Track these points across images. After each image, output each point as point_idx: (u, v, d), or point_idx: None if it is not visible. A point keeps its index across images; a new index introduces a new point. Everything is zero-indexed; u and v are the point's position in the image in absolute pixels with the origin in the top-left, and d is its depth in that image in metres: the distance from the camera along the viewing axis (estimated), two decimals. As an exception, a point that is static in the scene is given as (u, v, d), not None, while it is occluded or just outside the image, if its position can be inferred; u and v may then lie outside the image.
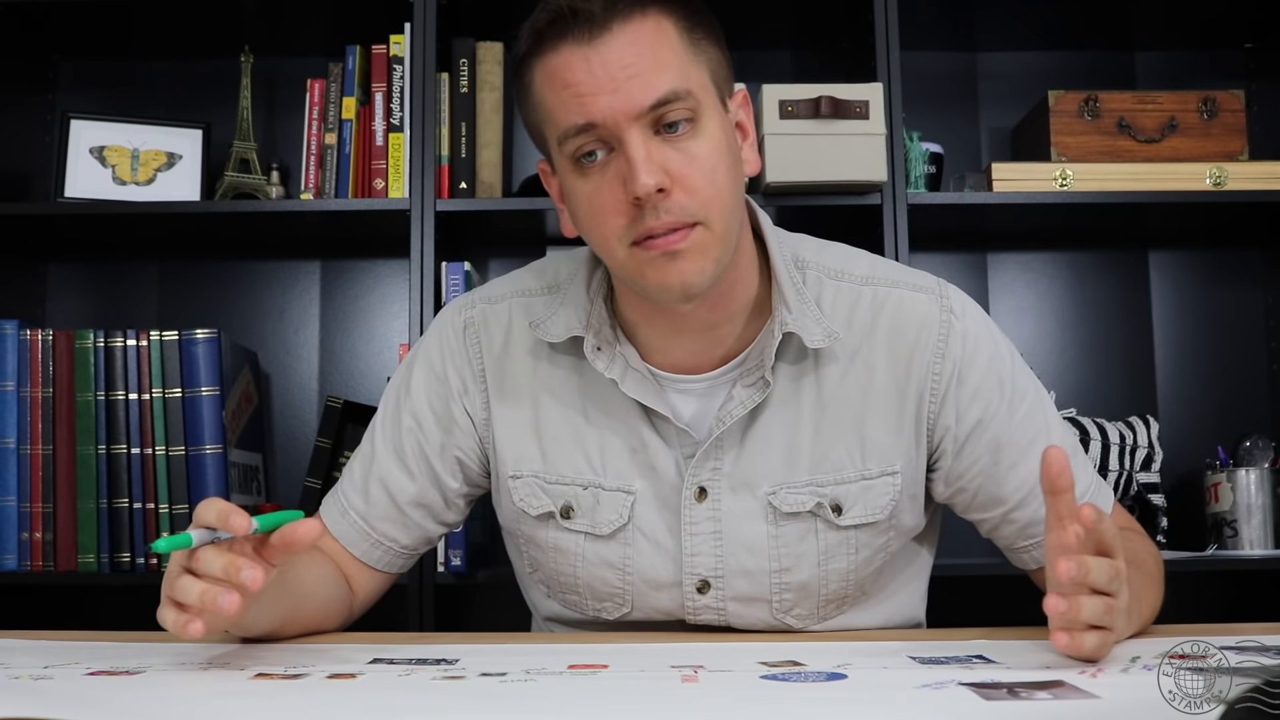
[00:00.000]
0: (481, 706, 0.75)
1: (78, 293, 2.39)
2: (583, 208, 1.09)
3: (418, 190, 2.05)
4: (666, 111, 1.04)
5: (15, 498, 2.02)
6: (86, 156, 2.22)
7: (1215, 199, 2.09)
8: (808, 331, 1.15)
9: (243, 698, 0.81)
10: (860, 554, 1.19)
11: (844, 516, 1.17)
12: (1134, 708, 0.72)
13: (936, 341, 1.17)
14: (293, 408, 2.38)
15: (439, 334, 1.26)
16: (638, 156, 1.03)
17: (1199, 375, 2.37)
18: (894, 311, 1.18)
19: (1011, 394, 1.19)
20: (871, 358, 1.17)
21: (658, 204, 1.04)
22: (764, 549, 1.17)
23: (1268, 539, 2.14)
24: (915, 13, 2.13)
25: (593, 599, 1.22)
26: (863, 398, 1.17)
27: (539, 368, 1.22)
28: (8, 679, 0.86)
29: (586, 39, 1.04)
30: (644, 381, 1.17)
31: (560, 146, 1.08)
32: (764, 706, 0.74)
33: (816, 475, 1.17)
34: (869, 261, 1.23)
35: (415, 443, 1.24)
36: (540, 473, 1.21)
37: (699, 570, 1.18)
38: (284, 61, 2.36)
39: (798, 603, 1.19)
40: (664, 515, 1.18)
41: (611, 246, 1.08)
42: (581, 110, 1.04)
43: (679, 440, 1.17)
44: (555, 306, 1.21)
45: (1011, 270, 2.40)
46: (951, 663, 0.89)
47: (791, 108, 1.94)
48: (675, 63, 1.06)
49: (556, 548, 1.22)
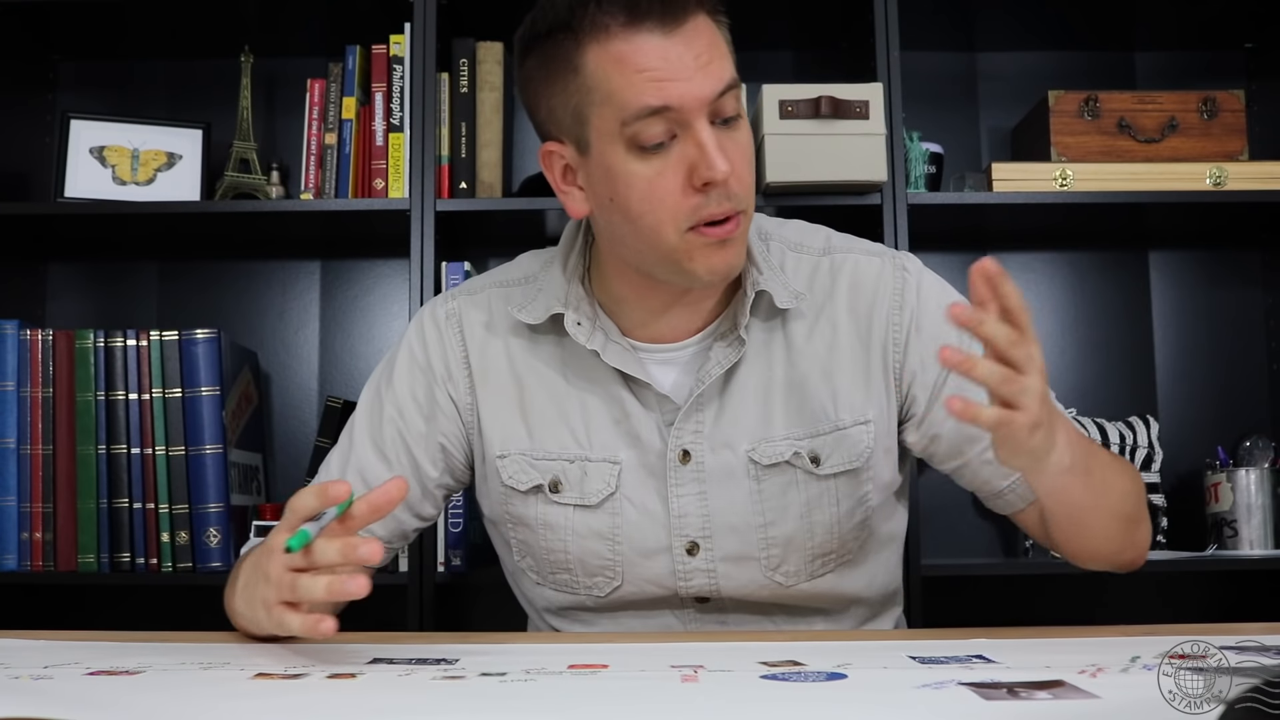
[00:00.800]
0: (481, 706, 0.75)
1: (78, 293, 2.39)
2: (637, 190, 1.12)
3: (418, 190, 2.05)
4: (727, 100, 1.11)
5: (15, 498, 2.02)
6: (86, 156, 2.22)
7: (1215, 199, 2.09)
8: (776, 292, 1.21)
9: (243, 698, 0.81)
10: (842, 505, 1.23)
11: (823, 466, 1.22)
12: (1134, 708, 0.72)
13: (893, 295, 1.24)
14: (293, 408, 2.38)
15: (419, 327, 1.31)
16: (711, 144, 1.09)
17: (1199, 375, 2.37)
18: (851, 273, 1.26)
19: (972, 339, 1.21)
20: (834, 316, 1.24)
21: (721, 190, 1.10)
22: (748, 505, 1.21)
23: (1268, 539, 2.14)
24: (915, 13, 2.13)
25: (584, 574, 1.24)
26: (830, 353, 1.23)
27: (520, 348, 1.27)
28: (8, 679, 0.86)
29: (663, 29, 1.09)
30: (623, 352, 1.22)
31: (623, 128, 1.10)
32: (764, 706, 0.74)
33: (793, 429, 1.22)
34: (825, 234, 1.31)
35: (395, 431, 1.27)
36: (528, 450, 1.25)
37: (687, 531, 1.21)
38: (284, 61, 2.36)
39: (785, 558, 1.22)
40: (650, 481, 1.22)
41: (665, 230, 1.12)
42: (659, 93, 1.09)
43: (660, 406, 1.22)
44: (533, 293, 1.26)
45: (1011, 270, 2.36)
46: (951, 663, 0.89)
47: (791, 108, 1.94)
48: (729, 56, 1.14)
49: (545, 523, 1.24)
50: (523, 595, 1.35)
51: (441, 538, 2.00)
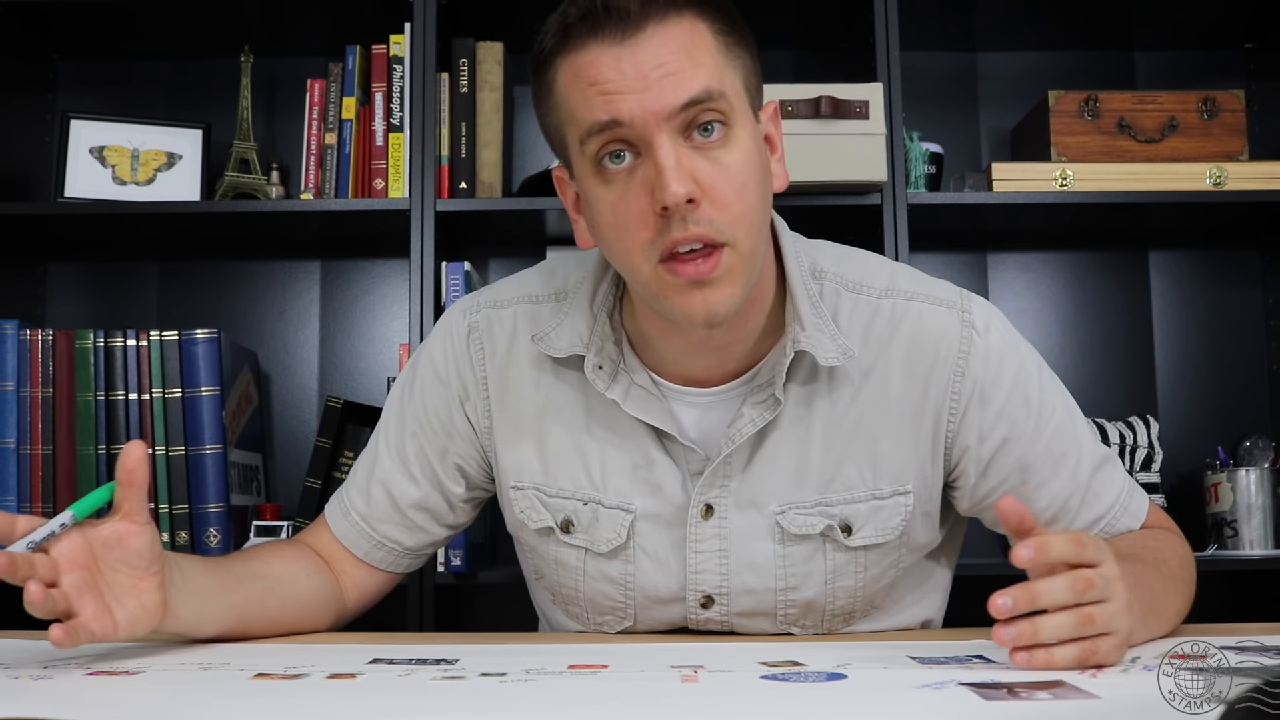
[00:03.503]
0: (481, 706, 0.75)
1: (78, 293, 2.39)
2: (604, 217, 1.03)
3: (418, 190, 2.05)
4: (699, 113, 0.99)
5: (15, 498, 2.02)
6: (86, 156, 2.22)
7: (1215, 199, 2.09)
8: (822, 349, 1.10)
9: (243, 698, 0.81)
10: (869, 572, 1.17)
11: (853, 537, 1.14)
12: (1134, 708, 0.72)
13: (956, 359, 1.13)
14: (293, 408, 2.37)
15: (443, 337, 1.23)
16: (667, 162, 0.98)
17: (1199, 375, 2.37)
18: (913, 326, 1.13)
19: (1039, 411, 1.15)
20: (887, 374, 1.13)
21: (686, 215, 0.99)
22: (770, 568, 1.15)
23: (1268, 539, 2.14)
24: (915, 13, 2.13)
25: (594, 612, 1.21)
26: (877, 416, 1.13)
27: (542, 379, 1.18)
28: (8, 679, 0.86)
29: (618, 38, 0.99)
30: (648, 399, 1.13)
31: (582, 147, 1.02)
32: (764, 707, 0.74)
33: (826, 495, 1.14)
34: (890, 272, 1.18)
35: (418, 446, 1.23)
36: (541, 484, 1.19)
37: (703, 587, 1.16)
38: (284, 61, 2.36)
39: (803, 617, 1.17)
40: (668, 532, 1.16)
41: (635, 262, 1.02)
42: (607, 107, 0.99)
43: (686, 457, 1.14)
44: (560, 317, 1.17)
45: (1011, 270, 2.40)
46: (951, 663, 0.89)
47: (791, 108, 1.94)
48: (710, 64, 1.01)
49: (558, 561, 1.21)
50: (538, 605, 1.32)
51: (441, 538, 2.00)
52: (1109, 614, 0.87)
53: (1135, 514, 1.19)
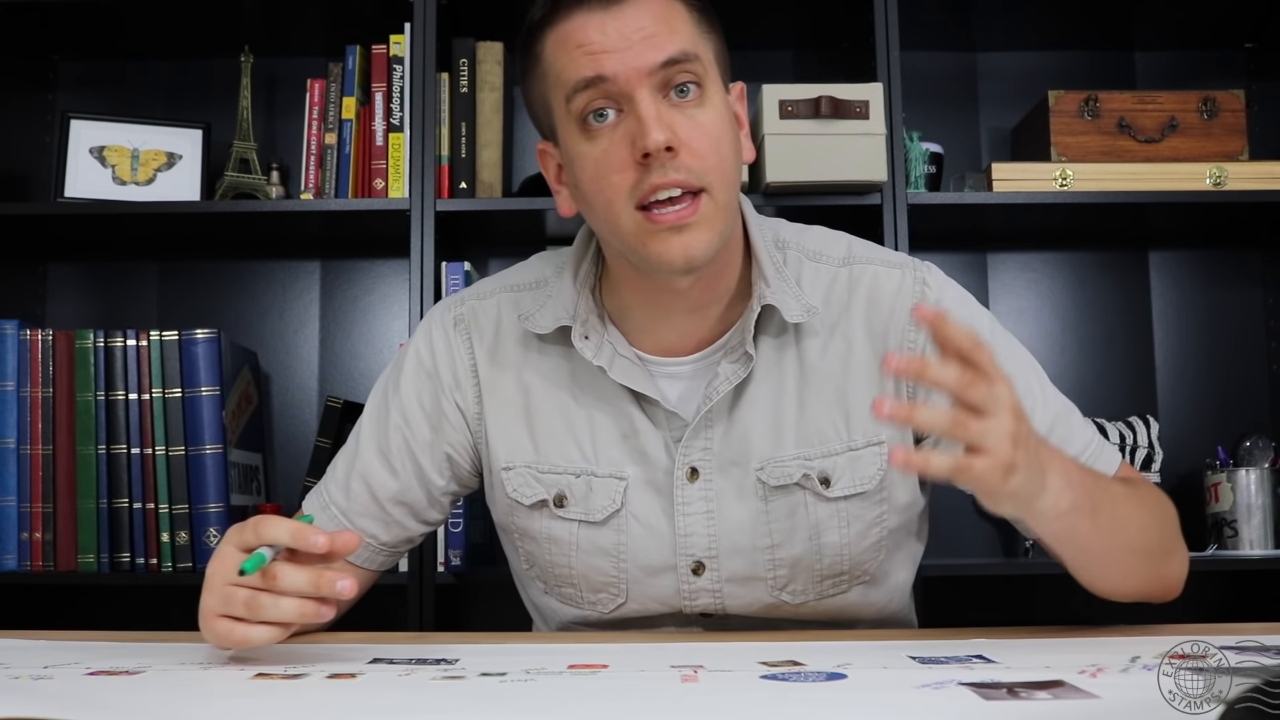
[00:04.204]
0: (481, 706, 0.75)
1: (78, 293, 2.39)
2: (588, 171, 1.10)
3: (418, 190, 2.06)
4: (676, 72, 1.08)
5: (15, 498, 2.02)
6: (86, 156, 2.22)
7: (1215, 199, 2.09)
8: (786, 306, 1.17)
9: (243, 698, 0.81)
10: (852, 527, 1.20)
11: (832, 488, 1.19)
12: (1134, 708, 0.72)
13: (910, 310, 1.20)
14: (293, 408, 2.38)
15: (428, 331, 1.28)
16: (648, 113, 1.06)
17: (1199, 375, 2.37)
18: (869, 286, 1.21)
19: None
20: (850, 331, 1.20)
21: (665, 163, 1.06)
22: (755, 526, 1.19)
23: (1268, 539, 2.14)
24: (915, 13, 2.13)
25: (588, 590, 1.23)
26: (844, 370, 1.19)
27: (529, 358, 1.24)
28: (8, 679, 0.86)
29: (604, 4, 1.08)
30: (631, 367, 1.19)
31: (568, 105, 1.10)
32: (764, 707, 0.74)
33: (803, 449, 1.19)
34: (846, 242, 1.26)
35: (401, 439, 1.25)
36: (533, 463, 1.23)
37: (693, 551, 1.19)
38: (284, 61, 2.36)
39: (792, 578, 1.20)
40: (657, 499, 1.20)
41: (616, 210, 1.09)
42: (593, 64, 1.07)
43: (668, 422, 1.19)
44: (543, 299, 1.23)
45: (1011, 270, 2.40)
46: (951, 663, 0.89)
47: (791, 108, 1.94)
48: (686, 32, 1.10)
49: (550, 537, 1.23)
50: (530, 603, 1.34)
51: (441, 538, 2.00)
52: (986, 429, 0.88)
53: (1105, 466, 1.19)
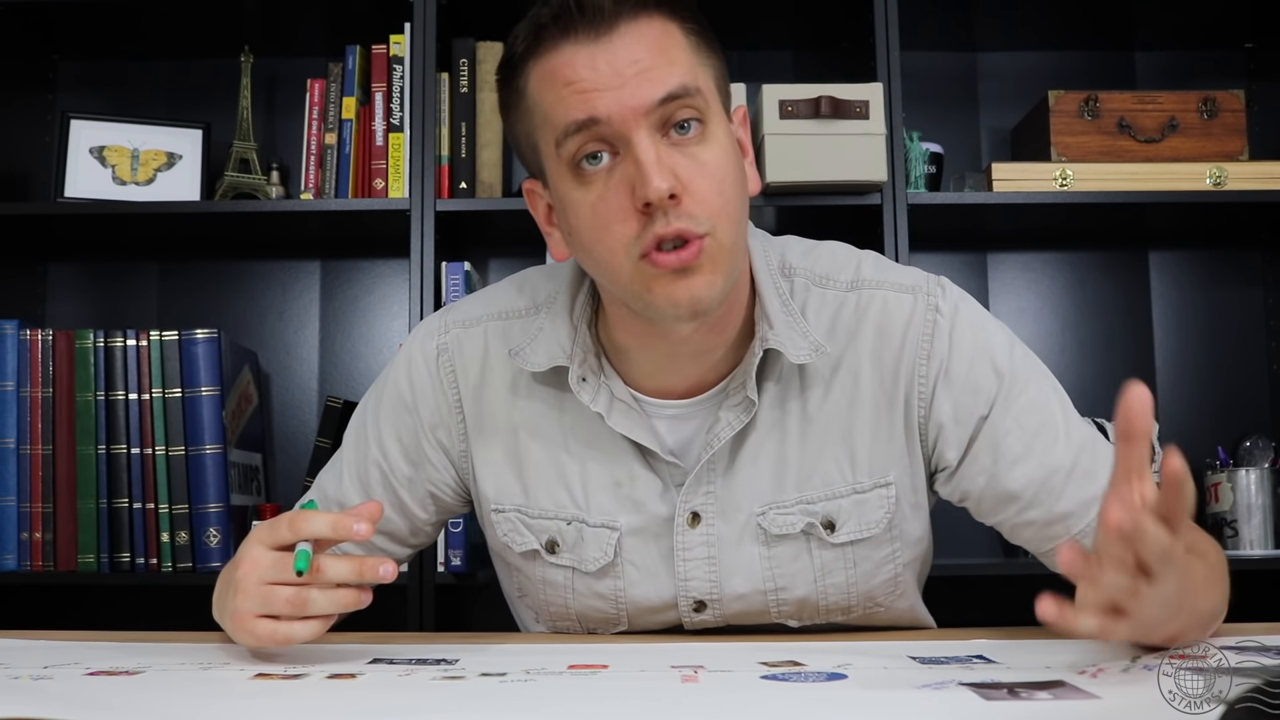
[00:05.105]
0: (481, 706, 0.75)
1: (78, 293, 2.39)
2: (584, 219, 1.01)
3: (418, 190, 2.06)
4: (676, 109, 0.99)
5: (15, 498, 2.02)
6: (86, 156, 2.22)
7: (1215, 199, 2.09)
8: (792, 345, 1.10)
9: (243, 698, 0.81)
10: (860, 568, 1.15)
11: (837, 534, 1.13)
12: (1134, 708, 0.72)
13: (921, 342, 1.12)
14: (293, 408, 2.38)
15: (409, 362, 1.20)
16: (648, 158, 0.97)
17: (1199, 375, 2.38)
18: (878, 315, 1.13)
19: (1010, 385, 1.12)
20: (857, 366, 1.13)
21: (668, 210, 0.98)
22: (757, 571, 1.14)
23: (1268, 539, 2.14)
24: (915, 13, 2.13)
25: (585, 623, 1.20)
26: (850, 409, 1.12)
27: (517, 402, 1.16)
28: (8, 679, 0.86)
29: (592, 36, 0.98)
30: (630, 413, 1.12)
31: (558, 150, 1.01)
32: (764, 706, 0.74)
33: (805, 492, 1.13)
34: (856, 263, 1.17)
35: (380, 474, 1.20)
36: (522, 506, 1.17)
37: (693, 594, 1.15)
38: (284, 61, 2.36)
39: (798, 614, 1.17)
40: (655, 544, 1.15)
41: (618, 261, 1.01)
42: (584, 105, 0.98)
43: (669, 471, 1.13)
44: (535, 331, 1.15)
45: (1011, 270, 2.40)
46: (951, 663, 0.89)
47: (791, 108, 1.94)
48: (684, 62, 1.01)
49: (545, 580, 1.19)
50: (521, 621, 1.30)
51: (441, 538, 2.00)
52: (1151, 598, 0.79)
53: None
